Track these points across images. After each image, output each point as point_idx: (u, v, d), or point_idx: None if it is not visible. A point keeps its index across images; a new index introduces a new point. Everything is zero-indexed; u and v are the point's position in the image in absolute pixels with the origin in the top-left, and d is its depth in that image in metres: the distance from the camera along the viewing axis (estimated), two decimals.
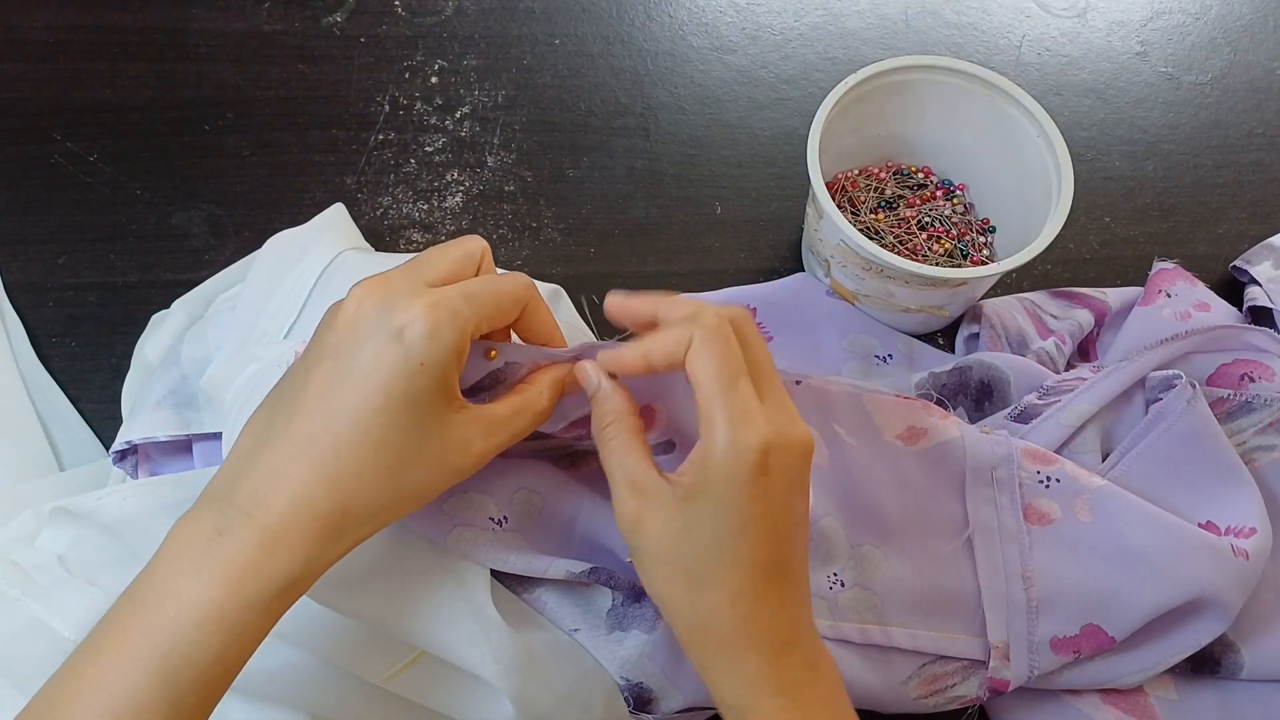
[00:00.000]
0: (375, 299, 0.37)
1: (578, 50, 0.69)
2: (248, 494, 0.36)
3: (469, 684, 0.47)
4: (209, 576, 0.35)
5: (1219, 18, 0.74)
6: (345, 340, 0.37)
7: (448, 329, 0.37)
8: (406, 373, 0.36)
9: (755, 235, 0.64)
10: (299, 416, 0.37)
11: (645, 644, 0.48)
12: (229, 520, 0.36)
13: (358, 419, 0.36)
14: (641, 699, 0.48)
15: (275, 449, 0.37)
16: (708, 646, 0.40)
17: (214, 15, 0.67)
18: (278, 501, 0.36)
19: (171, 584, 0.35)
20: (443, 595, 0.46)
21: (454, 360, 0.37)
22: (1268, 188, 0.68)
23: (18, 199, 0.61)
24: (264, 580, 0.35)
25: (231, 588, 0.35)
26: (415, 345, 0.36)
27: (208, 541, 0.36)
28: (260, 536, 0.36)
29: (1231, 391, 0.56)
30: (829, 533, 0.51)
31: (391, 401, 0.36)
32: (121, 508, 0.47)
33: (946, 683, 0.50)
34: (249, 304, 0.51)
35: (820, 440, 0.51)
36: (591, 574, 0.48)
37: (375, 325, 0.37)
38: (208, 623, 0.34)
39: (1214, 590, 0.49)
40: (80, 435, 0.55)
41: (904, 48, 0.71)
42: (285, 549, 0.36)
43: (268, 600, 0.36)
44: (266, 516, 0.36)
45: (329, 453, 0.36)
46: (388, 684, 0.46)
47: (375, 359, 0.37)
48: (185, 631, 0.34)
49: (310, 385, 0.37)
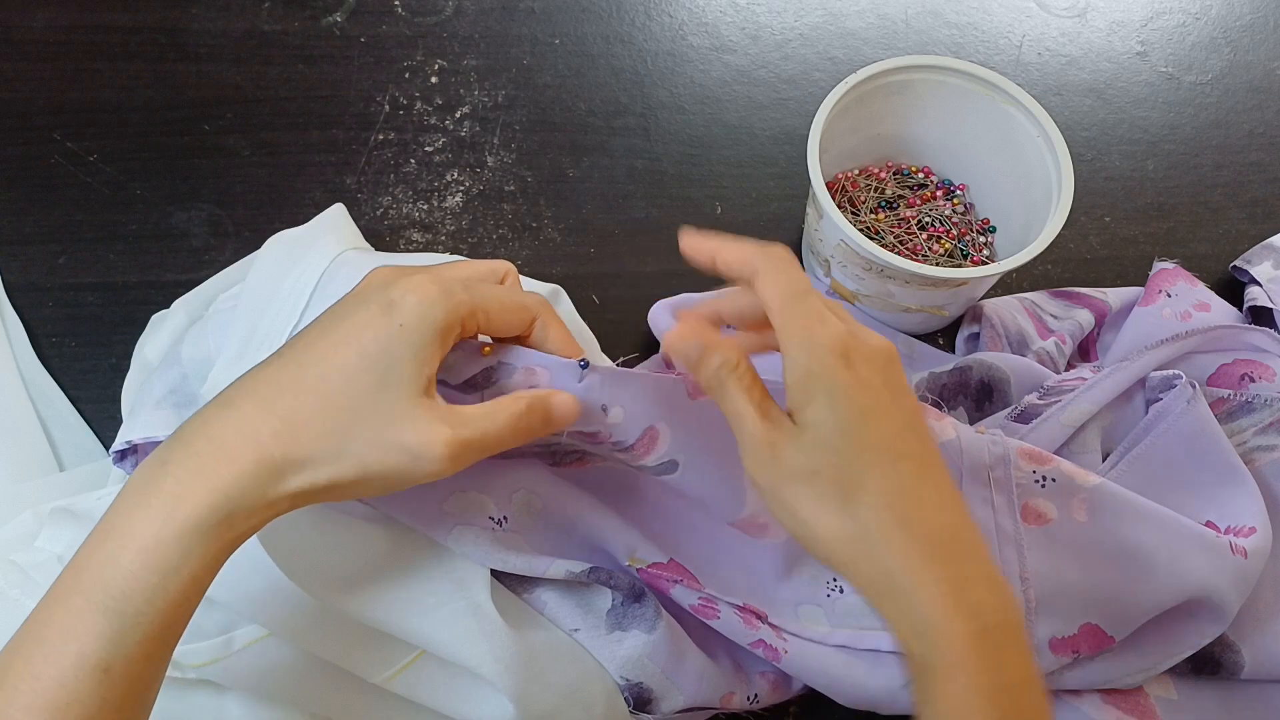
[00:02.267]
0: (385, 274, 0.39)
1: (578, 50, 0.69)
2: (197, 429, 0.37)
3: (469, 684, 0.47)
4: (146, 509, 0.35)
5: (1219, 18, 0.74)
6: (344, 303, 0.39)
7: (439, 303, 0.38)
8: (385, 333, 0.37)
9: (755, 235, 0.63)
10: (274, 360, 0.38)
11: (645, 644, 0.48)
12: (173, 452, 0.36)
13: (323, 367, 0.37)
14: (641, 699, 0.48)
15: (241, 390, 0.38)
16: (875, 572, 0.37)
17: (214, 15, 0.67)
18: (221, 430, 0.36)
19: (117, 520, 0.36)
20: (443, 595, 0.46)
21: (436, 337, 0.38)
22: (1268, 188, 0.68)
23: (18, 199, 0.61)
24: (196, 506, 0.35)
25: (165, 516, 0.35)
26: (401, 309, 0.37)
27: (151, 471, 0.36)
28: (198, 464, 0.36)
29: (1231, 391, 0.56)
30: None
31: (362, 358, 0.37)
32: None
33: None
34: (250, 304, 0.51)
35: None
36: (591, 574, 0.48)
37: (374, 293, 0.39)
38: (143, 553, 0.34)
39: (1212, 588, 0.49)
40: (80, 435, 0.55)
41: (904, 48, 0.71)
42: (218, 476, 0.36)
43: (200, 531, 0.35)
44: (206, 445, 0.36)
45: (285, 395, 0.37)
46: (388, 684, 0.46)
47: (362, 319, 0.38)
48: (123, 565, 0.34)
49: (298, 338, 0.39)
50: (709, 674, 0.49)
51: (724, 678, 0.49)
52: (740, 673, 0.50)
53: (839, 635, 0.49)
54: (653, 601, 0.48)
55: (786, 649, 0.49)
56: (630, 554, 0.49)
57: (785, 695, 0.51)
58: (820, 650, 0.49)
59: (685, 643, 0.49)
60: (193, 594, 0.36)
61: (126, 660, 0.34)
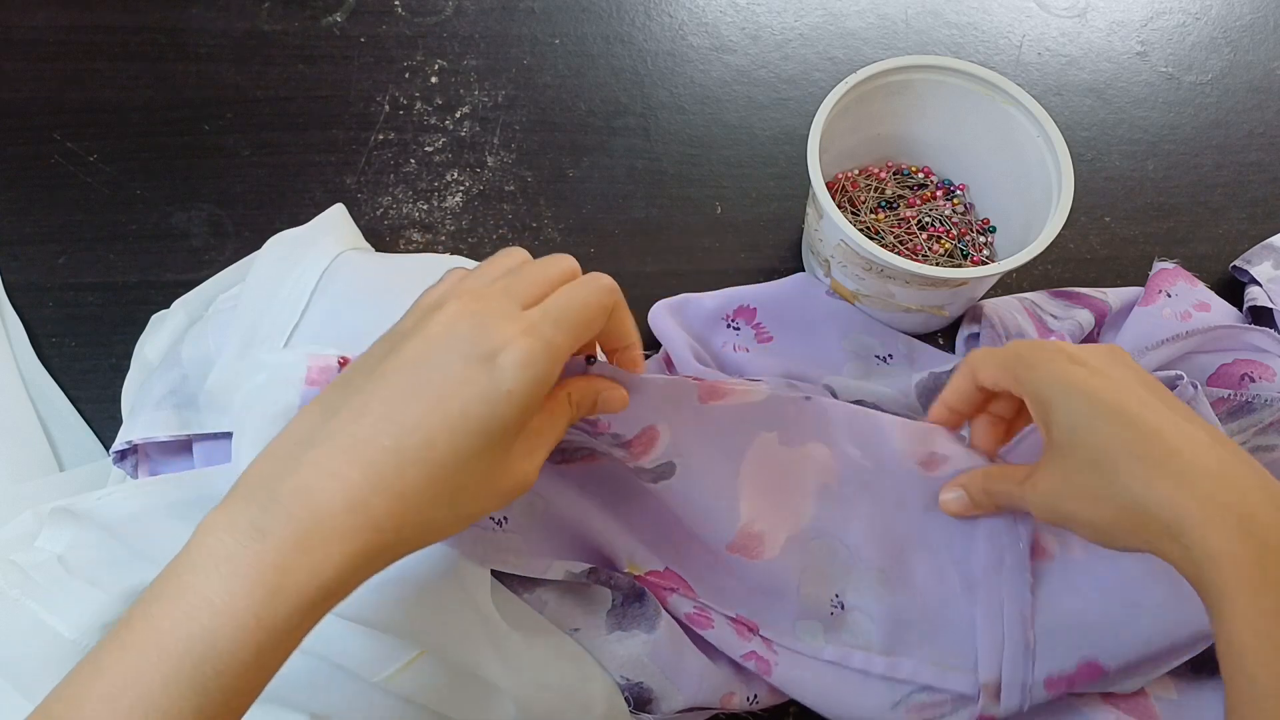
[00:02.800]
0: (470, 316, 0.36)
1: (578, 50, 0.69)
2: (293, 491, 0.33)
3: (469, 684, 0.47)
4: (245, 581, 0.32)
5: (1219, 18, 0.74)
6: (432, 352, 0.35)
7: (542, 360, 0.35)
8: (491, 398, 0.35)
9: (755, 235, 0.64)
10: (366, 418, 0.35)
11: (645, 643, 0.48)
12: (270, 518, 0.33)
13: (429, 435, 0.34)
14: (641, 698, 0.48)
15: (332, 447, 0.34)
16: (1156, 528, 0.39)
17: (214, 15, 0.67)
18: (329, 502, 0.33)
19: (204, 586, 0.32)
20: (444, 595, 0.46)
21: (541, 392, 0.36)
22: (1268, 188, 0.68)
23: (18, 199, 0.61)
24: (303, 587, 0.33)
25: (268, 594, 0.32)
26: (507, 372, 0.35)
27: (244, 542, 0.33)
28: (303, 539, 0.33)
29: (1232, 391, 0.56)
30: (833, 551, 0.50)
31: (468, 424, 0.35)
32: (121, 508, 0.47)
33: (935, 712, 0.49)
34: (250, 304, 0.51)
35: (832, 459, 0.50)
36: (591, 574, 0.48)
37: (467, 343, 0.35)
38: (242, 632, 0.32)
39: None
40: (80, 435, 0.55)
41: (904, 48, 0.71)
42: (329, 554, 0.33)
43: (305, 609, 0.33)
44: (311, 517, 0.33)
45: (392, 463, 0.34)
46: (388, 684, 0.46)
47: (460, 378, 0.35)
48: (219, 639, 0.32)
49: (382, 388, 0.35)
50: (709, 674, 0.49)
51: (724, 678, 0.49)
52: (740, 673, 0.50)
53: (829, 651, 0.49)
54: (653, 601, 0.48)
55: (777, 662, 0.49)
56: (629, 559, 0.49)
57: (785, 696, 0.51)
58: (812, 664, 0.49)
59: (685, 643, 0.49)
60: (283, 658, 0.34)
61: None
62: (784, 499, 0.50)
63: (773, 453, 0.49)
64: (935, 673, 0.49)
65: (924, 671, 0.49)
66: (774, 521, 0.49)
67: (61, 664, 0.44)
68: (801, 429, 0.50)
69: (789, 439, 0.50)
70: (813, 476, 0.50)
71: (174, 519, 0.47)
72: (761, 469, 0.49)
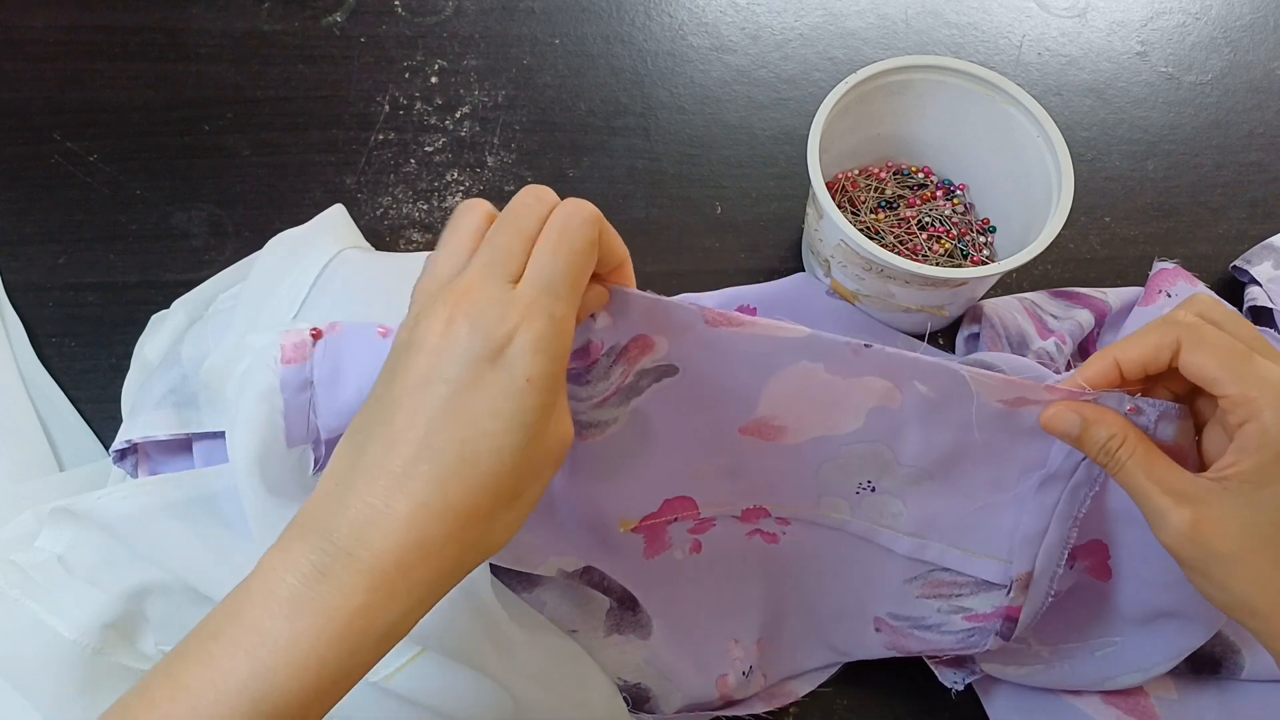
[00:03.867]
0: (464, 316, 0.34)
1: (578, 50, 0.69)
2: (349, 530, 0.33)
3: (469, 682, 0.47)
4: (309, 621, 0.31)
5: (1219, 18, 0.74)
6: (438, 366, 0.34)
7: (552, 339, 0.34)
8: (515, 392, 0.34)
9: (755, 235, 0.64)
10: (397, 448, 0.33)
11: (643, 647, 0.48)
12: (330, 560, 0.32)
13: (467, 451, 0.33)
14: (640, 698, 0.48)
15: (374, 485, 0.33)
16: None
17: (214, 15, 0.67)
18: (384, 540, 0.32)
19: (266, 625, 0.32)
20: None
21: (560, 369, 0.35)
22: (1268, 188, 0.68)
23: (18, 199, 0.61)
24: (372, 627, 0.32)
25: (335, 634, 0.32)
26: (521, 363, 0.34)
27: (307, 582, 0.32)
28: (370, 581, 0.32)
29: None
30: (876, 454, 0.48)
31: (501, 424, 0.33)
32: (121, 507, 0.47)
33: (954, 591, 0.49)
34: (249, 304, 0.51)
35: (896, 390, 0.46)
36: (584, 574, 0.48)
37: (471, 347, 0.34)
38: (306, 672, 0.31)
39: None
40: (80, 435, 0.55)
41: (904, 48, 0.71)
42: (394, 592, 0.32)
43: (370, 646, 0.33)
44: (374, 557, 0.32)
45: (437, 490, 0.33)
46: (387, 683, 0.46)
47: (476, 383, 0.34)
48: (280, 679, 0.31)
49: (401, 415, 0.34)
50: (703, 668, 0.49)
51: (718, 660, 0.49)
52: (735, 648, 0.50)
53: (857, 525, 0.49)
54: (644, 612, 0.49)
55: (785, 533, 0.49)
56: (621, 518, 0.49)
57: (777, 662, 0.51)
58: (826, 534, 0.49)
59: (682, 643, 0.49)
60: (342, 696, 0.33)
61: None
62: (823, 412, 0.46)
63: (816, 378, 0.45)
64: (962, 558, 0.49)
65: (951, 556, 0.49)
66: (802, 424, 0.47)
67: (61, 664, 0.44)
68: (856, 367, 0.45)
69: (839, 370, 0.45)
70: (863, 400, 0.46)
71: (174, 519, 0.47)
72: (796, 387, 0.45)
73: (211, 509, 0.48)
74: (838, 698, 0.53)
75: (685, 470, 0.50)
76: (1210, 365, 0.38)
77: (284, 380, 0.44)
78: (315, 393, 0.44)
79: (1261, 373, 0.38)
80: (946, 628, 0.50)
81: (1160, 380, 0.43)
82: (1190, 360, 0.39)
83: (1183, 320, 0.39)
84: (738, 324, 0.43)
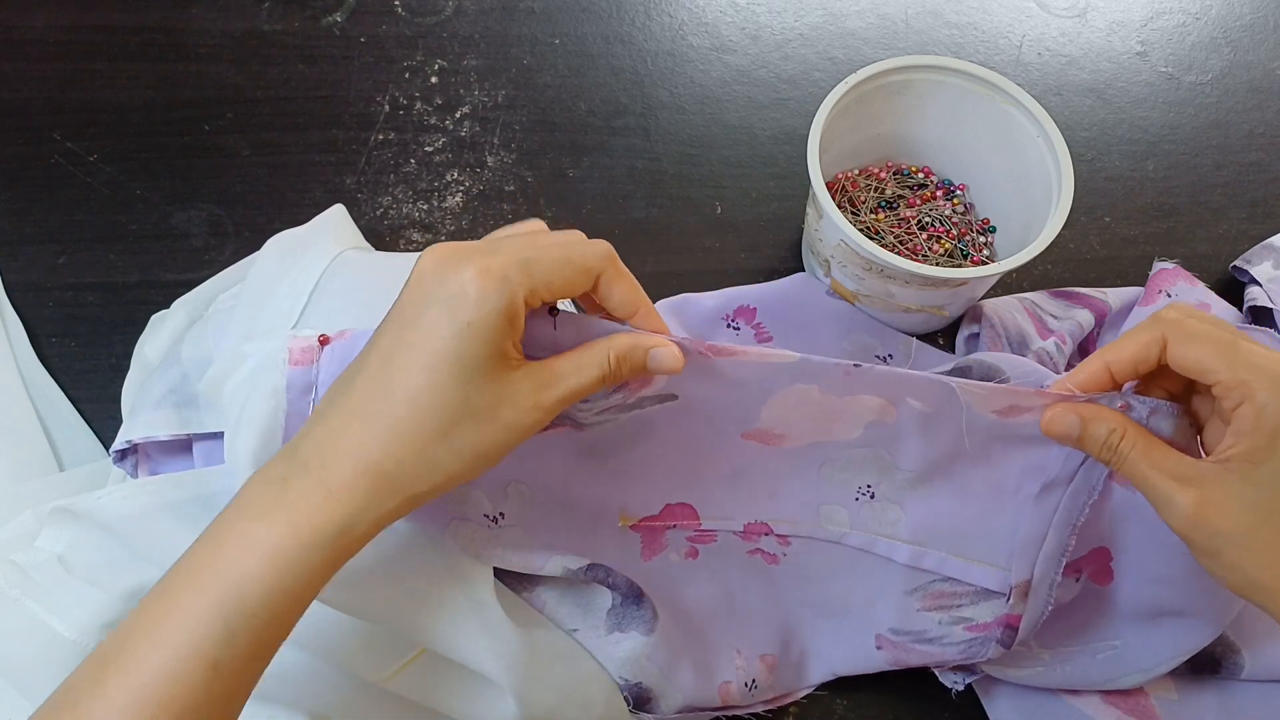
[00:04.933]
0: (436, 265, 0.39)
1: (578, 50, 0.69)
2: (311, 448, 0.39)
3: (470, 682, 0.47)
4: (269, 522, 0.37)
5: (1219, 18, 0.74)
6: (408, 306, 0.39)
7: (494, 294, 0.38)
8: (454, 333, 0.38)
9: (755, 235, 0.64)
10: (360, 377, 0.39)
11: (644, 644, 0.48)
12: (292, 470, 0.38)
13: (409, 378, 0.38)
14: (641, 698, 0.48)
15: (338, 409, 0.39)
16: None
17: (214, 15, 0.67)
18: (335, 455, 0.38)
19: (238, 526, 0.37)
20: (446, 592, 0.46)
21: (503, 322, 0.39)
22: (1268, 188, 0.68)
23: (18, 199, 0.61)
24: (321, 523, 0.37)
25: (290, 529, 0.37)
26: (462, 308, 0.38)
27: (274, 488, 0.38)
28: (320, 485, 0.38)
29: None
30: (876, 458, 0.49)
31: (439, 360, 0.38)
32: (121, 507, 0.47)
33: (954, 601, 0.49)
34: (249, 304, 0.51)
35: (890, 405, 0.47)
36: (589, 571, 0.48)
37: (432, 291, 0.39)
38: (264, 560, 0.36)
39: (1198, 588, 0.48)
40: (80, 435, 0.55)
41: (904, 48, 0.71)
42: (341, 499, 0.38)
43: (323, 544, 0.37)
44: (325, 469, 0.38)
45: (383, 410, 0.38)
46: (388, 683, 0.46)
47: (429, 323, 0.38)
48: (242, 568, 0.36)
49: (375, 350, 0.40)
50: (705, 669, 0.49)
51: (721, 666, 0.49)
52: (738, 658, 0.50)
53: (855, 537, 0.50)
54: (650, 604, 0.48)
55: (785, 553, 0.49)
56: (622, 512, 0.49)
57: (784, 680, 0.51)
58: (829, 548, 0.50)
59: (683, 642, 0.49)
60: (306, 599, 0.38)
61: (235, 658, 0.36)
62: (822, 424, 0.48)
63: (811, 397, 0.46)
64: (961, 566, 0.49)
65: (950, 564, 0.49)
66: (803, 434, 0.48)
67: (61, 664, 0.44)
68: (850, 386, 0.46)
69: (833, 390, 0.46)
70: (859, 416, 0.47)
71: (174, 519, 0.47)
72: (793, 404, 0.47)
73: (211, 509, 0.47)
74: (838, 698, 0.53)
75: (688, 469, 0.50)
76: (1200, 355, 0.39)
77: (290, 381, 0.44)
78: (318, 397, 0.45)
79: (1250, 358, 0.39)
80: (948, 640, 0.50)
81: (1155, 380, 0.44)
82: (1179, 353, 0.40)
83: (1167, 317, 0.41)
84: (730, 354, 0.44)
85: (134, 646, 0.35)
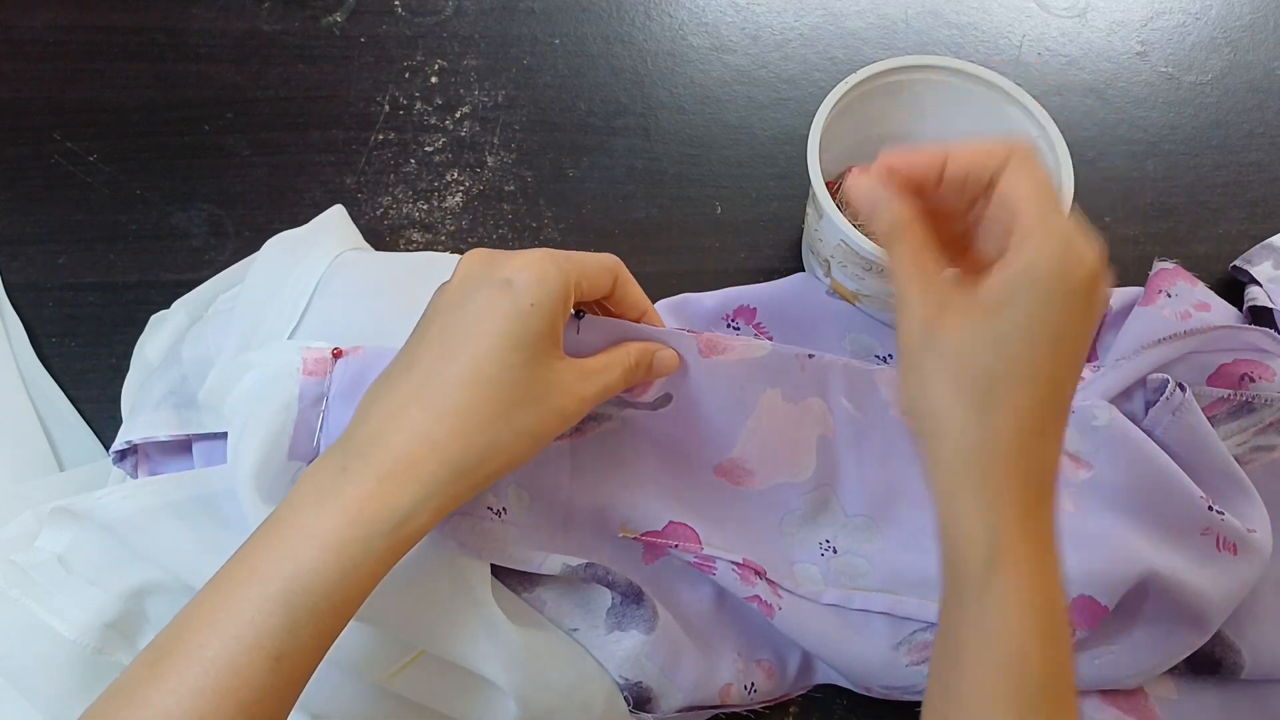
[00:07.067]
0: (480, 260, 0.41)
1: (578, 50, 0.69)
2: (367, 435, 0.39)
3: (470, 682, 0.47)
4: (330, 509, 0.37)
5: (1219, 18, 0.74)
6: (457, 295, 0.40)
7: (554, 276, 0.40)
8: (517, 312, 0.39)
9: (755, 235, 0.64)
10: (417, 365, 0.40)
11: (644, 644, 0.48)
12: (349, 459, 0.38)
13: (473, 360, 0.39)
14: (641, 698, 0.48)
15: (394, 394, 0.39)
16: (972, 473, 0.38)
17: (214, 15, 0.67)
18: (395, 439, 0.38)
19: (296, 518, 0.37)
20: (445, 593, 0.46)
21: (561, 305, 0.40)
22: (1268, 188, 0.68)
23: (18, 199, 0.61)
24: (382, 512, 0.37)
25: (350, 518, 0.37)
26: (525, 288, 0.39)
27: (332, 478, 0.38)
28: (379, 471, 0.38)
29: (1231, 391, 0.56)
30: (825, 501, 0.52)
31: (505, 340, 0.39)
32: (121, 507, 0.47)
33: None
34: (249, 305, 0.51)
35: (827, 411, 0.52)
36: (589, 569, 0.48)
37: (484, 278, 0.40)
38: (327, 552, 0.36)
39: (1196, 588, 0.48)
40: (80, 435, 0.55)
41: (904, 48, 0.71)
42: (403, 483, 0.38)
43: (385, 533, 0.37)
44: (383, 454, 0.38)
45: (443, 393, 0.39)
46: (388, 683, 0.46)
47: (488, 305, 0.39)
48: (305, 560, 0.36)
49: (426, 338, 0.40)
50: (706, 669, 0.49)
51: (721, 668, 0.49)
52: (739, 661, 0.50)
53: (831, 594, 0.50)
54: (650, 603, 0.48)
55: (781, 606, 0.49)
56: (624, 524, 0.49)
57: (782, 686, 0.51)
58: (814, 609, 0.50)
59: (683, 642, 0.49)
60: (367, 588, 0.38)
61: (297, 649, 0.36)
62: (786, 455, 0.51)
63: (777, 409, 0.51)
64: (933, 608, 0.49)
65: (928, 609, 0.49)
66: (768, 468, 0.51)
67: (61, 664, 0.44)
68: (803, 385, 0.52)
69: (791, 394, 0.51)
70: (812, 430, 0.52)
71: (174, 519, 0.47)
72: (768, 427, 0.51)
73: (211, 509, 0.48)
74: (838, 698, 0.53)
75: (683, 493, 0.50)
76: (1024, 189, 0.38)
77: (302, 390, 0.45)
78: (328, 409, 0.45)
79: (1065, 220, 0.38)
80: None
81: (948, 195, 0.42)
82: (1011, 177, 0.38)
83: (1022, 147, 0.39)
84: (723, 349, 0.49)
85: (192, 636, 0.35)
